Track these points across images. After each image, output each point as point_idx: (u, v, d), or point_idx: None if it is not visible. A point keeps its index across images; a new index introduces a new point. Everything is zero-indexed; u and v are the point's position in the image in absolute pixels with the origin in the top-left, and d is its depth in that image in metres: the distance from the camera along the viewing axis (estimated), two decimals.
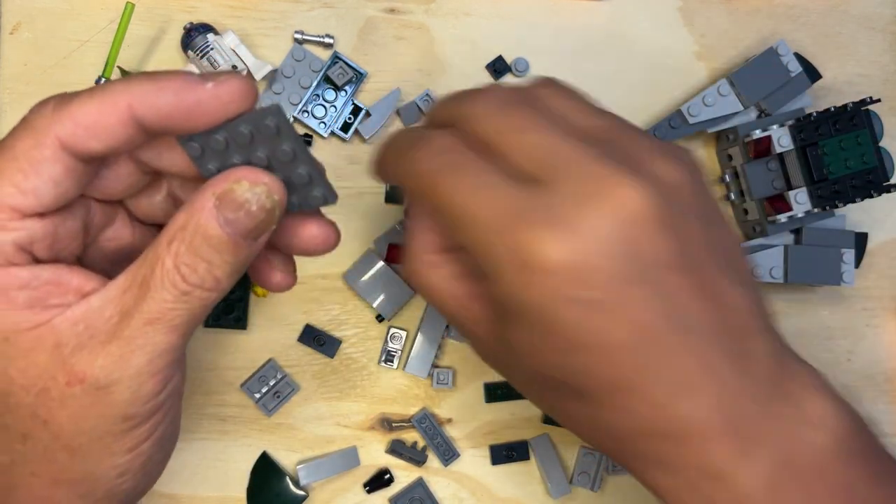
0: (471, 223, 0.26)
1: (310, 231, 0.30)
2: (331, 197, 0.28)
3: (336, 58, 0.47)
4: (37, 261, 0.26)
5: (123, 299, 0.26)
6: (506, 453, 0.48)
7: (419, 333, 0.47)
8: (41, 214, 0.26)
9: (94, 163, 0.27)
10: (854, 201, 0.46)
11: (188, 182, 0.30)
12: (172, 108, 0.25)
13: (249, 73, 0.26)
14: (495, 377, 0.48)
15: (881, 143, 0.46)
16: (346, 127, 0.47)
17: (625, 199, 0.25)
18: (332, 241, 0.30)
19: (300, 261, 0.40)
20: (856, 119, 0.45)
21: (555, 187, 0.26)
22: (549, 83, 0.31)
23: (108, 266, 0.31)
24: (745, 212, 0.49)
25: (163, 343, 0.26)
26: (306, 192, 0.28)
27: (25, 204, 0.25)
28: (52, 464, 0.26)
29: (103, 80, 0.44)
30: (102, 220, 0.30)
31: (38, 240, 0.26)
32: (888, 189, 0.46)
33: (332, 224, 0.30)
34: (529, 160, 0.27)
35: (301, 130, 0.48)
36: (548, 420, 0.48)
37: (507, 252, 0.26)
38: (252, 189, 0.26)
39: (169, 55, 0.47)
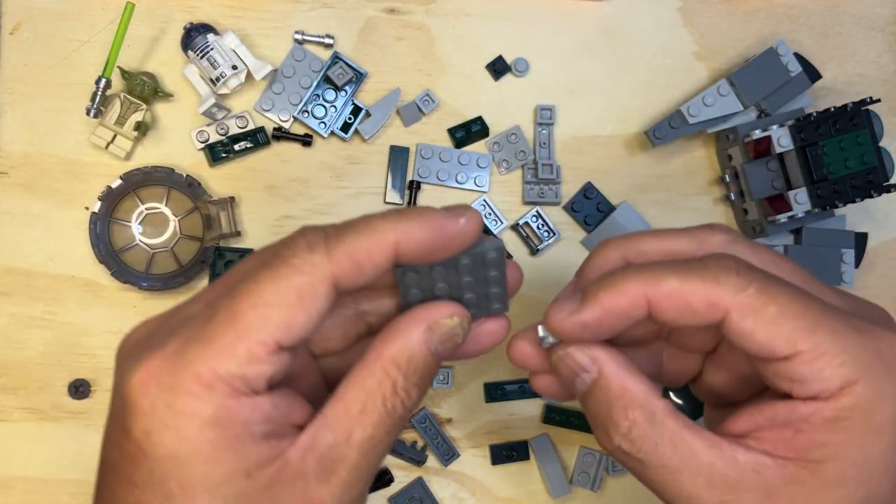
0: (827, 335, 0.26)
1: (491, 327, 0.31)
2: (506, 309, 0.30)
3: (336, 58, 0.47)
4: (271, 389, 0.26)
5: (344, 425, 0.26)
6: (506, 453, 0.48)
7: None
8: (294, 347, 0.26)
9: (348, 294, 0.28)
10: (854, 201, 0.46)
11: (376, 297, 0.31)
12: (432, 242, 0.27)
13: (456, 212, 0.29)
14: (495, 377, 0.48)
15: (881, 143, 0.46)
16: (346, 127, 0.47)
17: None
18: (505, 334, 0.31)
19: None
20: (856, 119, 0.45)
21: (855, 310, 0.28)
22: (729, 227, 0.31)
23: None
24: (745, 212, 0.49)
25: (378, 465, 0.27)
26: (488, 304, 0.30)
27: (289, 338, 0.25)
28: None
29: (104, 80, 0.44)
30: (305, 368, 0.31)
31: (283, 370, 0.26)
32: (888, 189, 0.46)
33: (506, 318, 0.31)
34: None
35: (301, 130, 0.48)
36: (548, 420, 0.48)
37: (862, 383, 0.26)
38: (462, 324, 0.28)
39: (169, 55, 0.47)
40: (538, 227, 0.48)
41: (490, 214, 0.48)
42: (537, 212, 0.48)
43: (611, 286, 0.27)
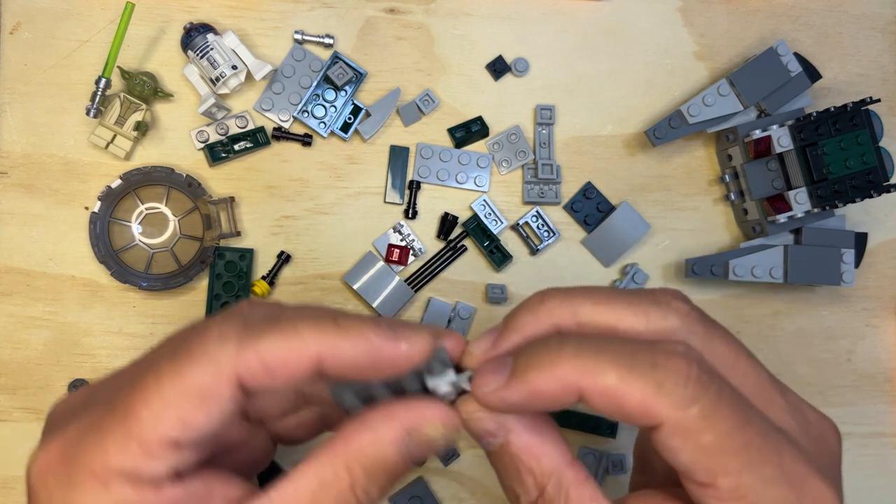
0: (757, 467, 0.24)
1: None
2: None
3: (336, 58, 0.47)
4: (182, 475, 0.25)
5: None
6: None
7: None
8: (196, 443, 0.25)
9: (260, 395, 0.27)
10: (854, 201, 0.46)
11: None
12: (361, 362, 0.24)
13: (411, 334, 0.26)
14: None
15: (881, 143, 0.46)
16: (345, 127, 0.47)
17: (838, 442, 0.27)
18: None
19: (300, 261, 0.40)
20: (856, 119, 0.45)
21: (798, 431, 0.26)
22: (685, 298, 0.28)
23: (231, 467, 0.29)
24: (745, 212, 0.49)
25: None
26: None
27: (186, 436, 0.24)
28: None
29: (103, 80, 0.44)
30: (245, 436, 0.30)
31: (188, 462, 0.25)
32: (888, 189, 0.46)
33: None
34: (759, 396, 0.26)
35: (301, 130, 0.48)
36: None
37: None
38: (446, 432, 0.26)
39: (169, 55, 0.47)
40: (538, 227, 0.48)
41: (490, 214, 0.48)
42: (537, 212, 0.48)
43: (542, 367, 0.25)
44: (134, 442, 0.23)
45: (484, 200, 0.48)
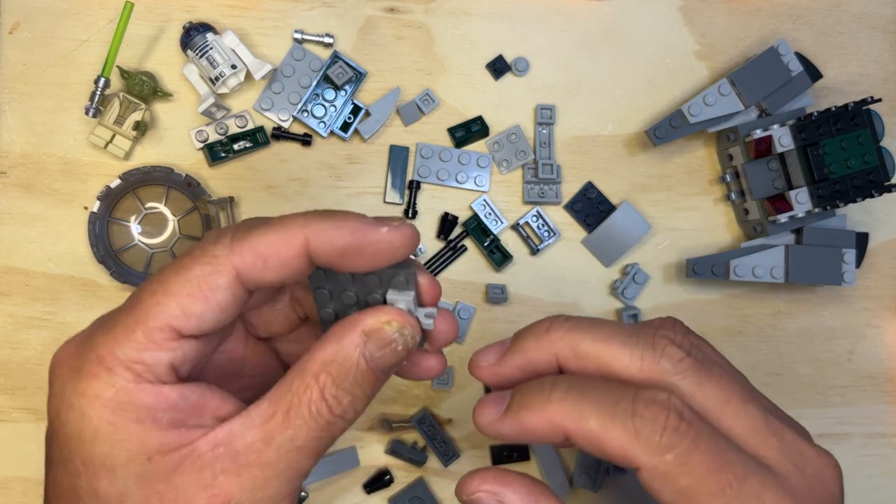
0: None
1: (428, 363, 0.31)
2: (422, 344, 0.30)
3: (336, 57, 0.47)
4: (181, 379, 0.27)
5: (268, 426, 0.26)
6: (506, 453, 0.48)
7: None
8: (196, 337, 0.27)
9: (257, 292, 0.28)
10: (855, 201, 0.45)
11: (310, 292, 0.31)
12: (346, 246, 0.26)
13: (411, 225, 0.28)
14: None
15: (882, 143, 0.46)
16: (345, 126, 0.47)
17: (840, 476, 0.28)
18: (443, 369, 0.31)
19: None
20: (857, 118, 0.45)
21: (792, 471, 0.27)
22: (687, 329, 0.30)
23: (217, 378, 0.30)
24: (746, 212, 0.49)
25: (304, 467, 0.27)
26: None
27: (187, 326, 0.26)
28: None
29: (103, 79, 0.44)
30: (226, 334, 0.31)
31: (188, 360, 0.27)
32: (889, 189, 0.45)
33: (444, 357, 0.31)
34: (751, 437, 0.27)
35: (300, 130, 0.48)
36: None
37: None
38: (401, 330, 0.27)
39: (168, 55, 0.46)
40: (538, 227, 0.48)
41: (490, 214, 0.48)
42: (537, 211, 0.48)
43: (532, 408, 0.27)
44: (139, 330, 0.25)
45: (484, 200, 0.48)
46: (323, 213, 0.27)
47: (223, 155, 0.46)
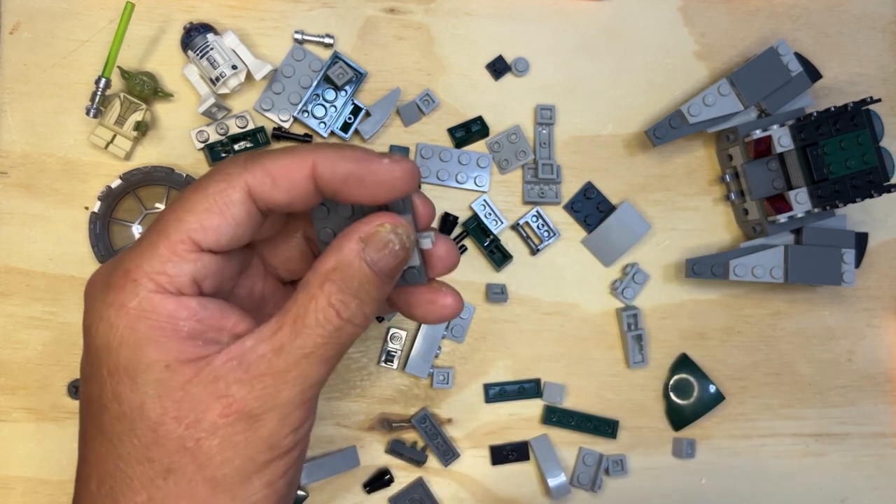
0: None
1: (444, 301, 0.32)
2: (422, 279, 0.31)
3: (336, 57, 0.47)
4: (202, 294, 0.28)
5: (276, 338, 0.28)
6: (506, 453, 0.48)
7: (419, 333, 0.47)
8: (214, 252, 0.28)
9: (268, 215, 0.30)
10: (854, 201, 0.45)
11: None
12: (350, 173, 0.28)
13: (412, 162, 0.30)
14: (495, 377, 0.48)
15: (881, 143, 0.46)
16: (346, 127, 0.47)
17: None
18: (460, 308, 0.32)
19: None
20: (856, 119, 0.45)
21: None
22: None
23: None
24: (746, 212, 0.49)
25: (314, 375, 0.28)
26: (403, 273, 0.31)
27: (206, 239, 0.28)
28: (192, 499, 0.27)
29: (103, 79, 0.44)
30: (245, 264, 0.32)
31: (209, 275, 0.28)
32: (888, 189, 0.46)
33: (460, 296, 0.32)
34: None
35: (301, 131, 0.48)
36: (547, 420, 0.48)
37: None
38: (394, 230, 0.29)
39: (169, 55, 0.47)
40: (538, 227, 0.48)
41: (490, 214, 0.48)
42: (537, 212, 0.48)
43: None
44: (162, 245, 0.27)
45: (484, 200, 0.48)
46: (331, 144, 0.29)
47: (224, 155, 0.46)
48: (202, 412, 0.27)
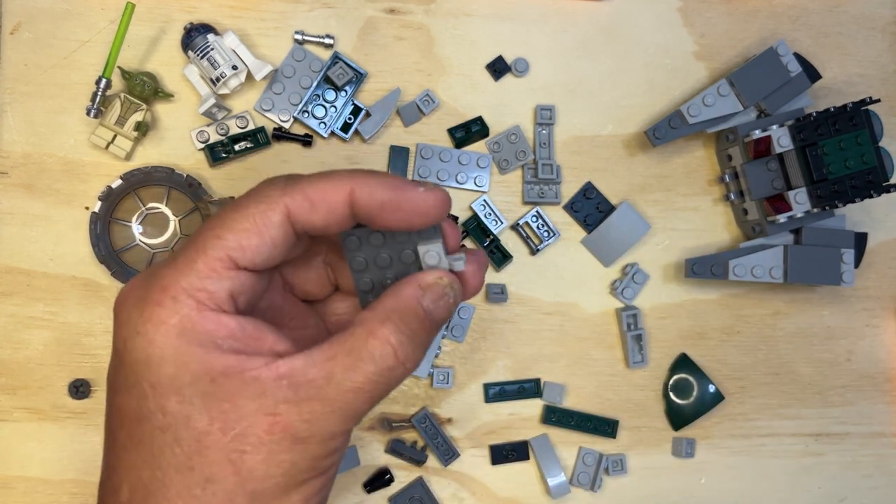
0: None
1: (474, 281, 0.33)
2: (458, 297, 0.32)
3: (336, 58, 0.47)
4: (239, 312, 0.29)
5: (328, 365, 0.28)
6: (506, 453, 0.48)
7: None
8: (249, 270, 0.29)
9: (305, 237, 0.31)
10: (854, 201, 0.46)
11: (342, 258, 0.34)
12: (387, 199, 0.29)
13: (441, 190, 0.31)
14: (495, 377, 0.48)
15: (881, 143, 0.46)
16: (346, 127, 0.47)
17: None
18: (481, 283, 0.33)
19: None
20: (855, 119, 0.45)
21: None
22: None
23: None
24: (745, 212, 0.49)
25: (360, 409, 0.28)
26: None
27: (243, 258, 0.28)
28: None
29: (104, 80, 0.44)
30: (268, 282, 0.33)
31: (244, 292, 0.29)
32: (888, 189, 0.46)
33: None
34: None
35: (301, 131, 0.48)
36: (547, 420, 0.48)
37: None
38: (451, 285, 0.30)
39: (169, 55, 0.47)
40: (538, 227, 0.48)
41: (490, 214, 0.48)
42: (537, 212, 0.48)
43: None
44: (200, 261, 0.28)
45: (484, 200, 0.48)
46: (367, 170, 0.29)
47: (224, 155, 0.46)
48: (248, 426, 0.27)
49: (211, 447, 0.27)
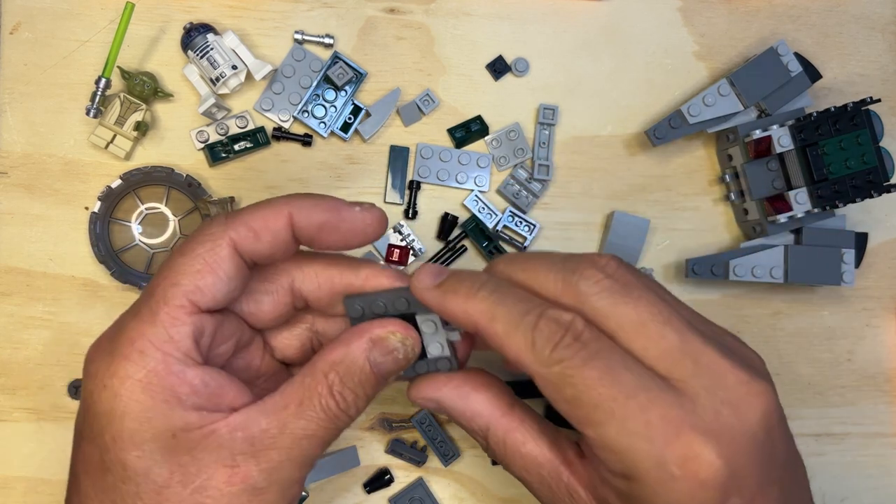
0: (619, 422, 0.27)
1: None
2: (454, 366, 0.33)
3: (336, 58, 0.47)
4: (203, 358, 0.30)
5: (281, 415, 0.29)
6: None
7: None
8: (212, 311, 0.30)
9: (255, 267, 0.31)
10: (854, 201, 0.45)
11: (329, 321, 0.35)
12: (324, 221, 0.30)
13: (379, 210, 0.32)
14: None
15: (881, 143, 0.46)
16: (346, 127, 0.47)
17: (767, 406, 0.29)
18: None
19: None
20: (856, 119, 0.45)
21: (700, 393, 0.28)
22: (619, 260, 0.31)
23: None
24: (745, 212, 0.49)
25: (312, 455, 0.30)
26: (435, 362, 0.33)
27: (203, 300, 0.29)
28: None
29: (103, 80, 0.44)
30: (246, 341, 0.34)
31: (205, 334, 0.30)
32: (888, 189, 0.46)
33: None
34: (663, 359, 0.28)
35: (301, 130, 0.48)
36: (547, 419, 0.48)
37: (658, 458, 0.27)
38: (403, 340, 0.31)
39: (169, 55, 0.47)
40: (516, 225, 0.48)
41: (483, 209, 0.48)
42: (510, 212, 0.48)
43: (458, 296, 0.30)
44: (162, 311, 0.28)
45: (476, 196, 0.48)
46: (304, 194, 0.30)
47: (224, 155, 0.46)
48: (207, 478, 0.28)
49: (172, 499, 0.28)
